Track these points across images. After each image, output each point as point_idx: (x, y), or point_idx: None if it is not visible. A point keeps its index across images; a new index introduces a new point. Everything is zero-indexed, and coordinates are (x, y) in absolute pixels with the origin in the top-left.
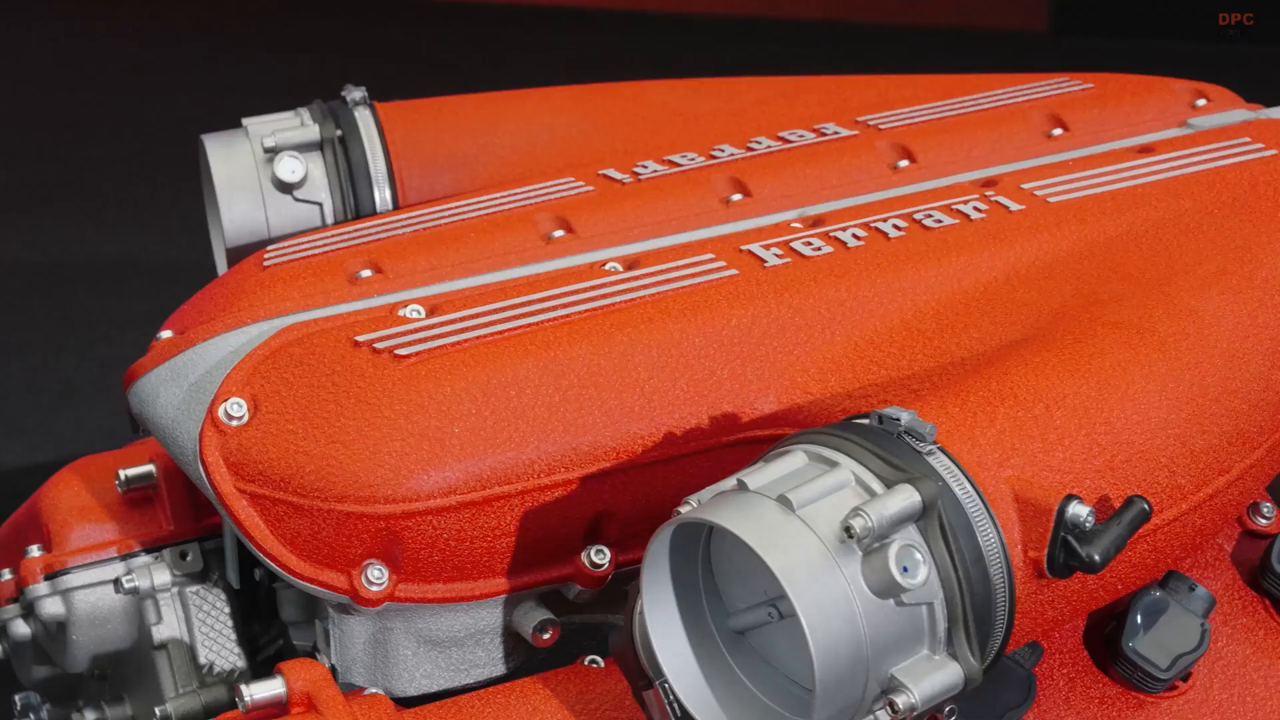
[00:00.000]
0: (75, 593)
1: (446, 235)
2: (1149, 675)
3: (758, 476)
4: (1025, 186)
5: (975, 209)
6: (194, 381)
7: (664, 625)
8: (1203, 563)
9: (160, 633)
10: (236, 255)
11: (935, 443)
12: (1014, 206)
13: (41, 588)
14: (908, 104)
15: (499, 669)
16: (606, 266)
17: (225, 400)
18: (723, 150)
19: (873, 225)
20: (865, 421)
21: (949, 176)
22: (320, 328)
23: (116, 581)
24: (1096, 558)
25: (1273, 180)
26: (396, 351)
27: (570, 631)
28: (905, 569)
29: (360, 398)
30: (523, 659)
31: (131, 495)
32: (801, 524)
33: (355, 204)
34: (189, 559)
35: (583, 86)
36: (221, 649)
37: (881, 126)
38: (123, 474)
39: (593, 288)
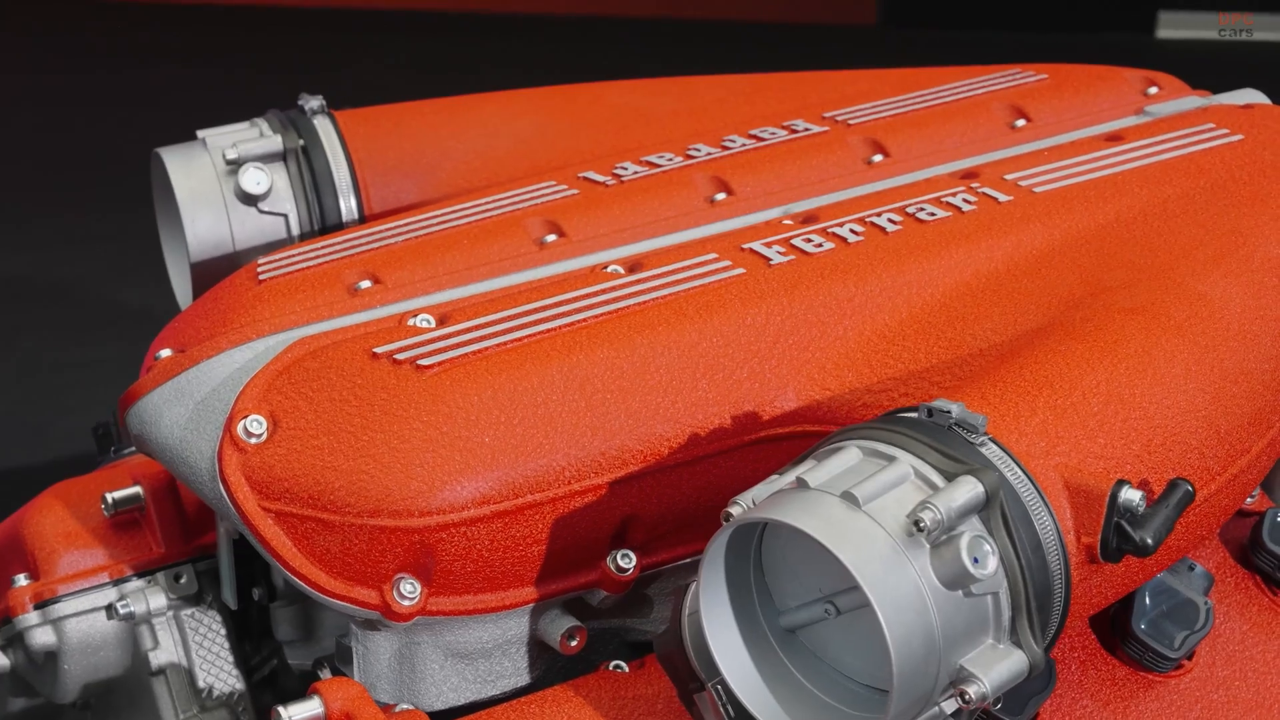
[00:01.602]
0: (67, 621)
1: (439, 243)
2: (1160, 655)
3: (817, 473)
4: (1009, 177)
5: (965, 201)
6: (200, 400)
7: (720, 625)
8: None
9: (158, 658)
10: (201, 270)
11: (986, 433)
12: (1002, 198)
13: (32, 617)
14: (866, 99)
15: (524, 679)
16: (608, 269)
17: (244, 417)
18: (699, 150)
19: (868, 220)
20: (914, 415)
21: (924, 169)
22: (332, 340)
23: (110, 607)
24: (1149, 541)
25: (1246, 165)
26: (419, 362)
27: (589, 638)
28: (976, 560)
29: (386, 410)
30: (544, 667)
31: (118, 518)
32: (869, 519)
33: (321, 214)
34: (183, 581)
35: (541, 89)
36: (220, 672)
37: (851, 122)
38: (109, 497)
39: (603, 291)
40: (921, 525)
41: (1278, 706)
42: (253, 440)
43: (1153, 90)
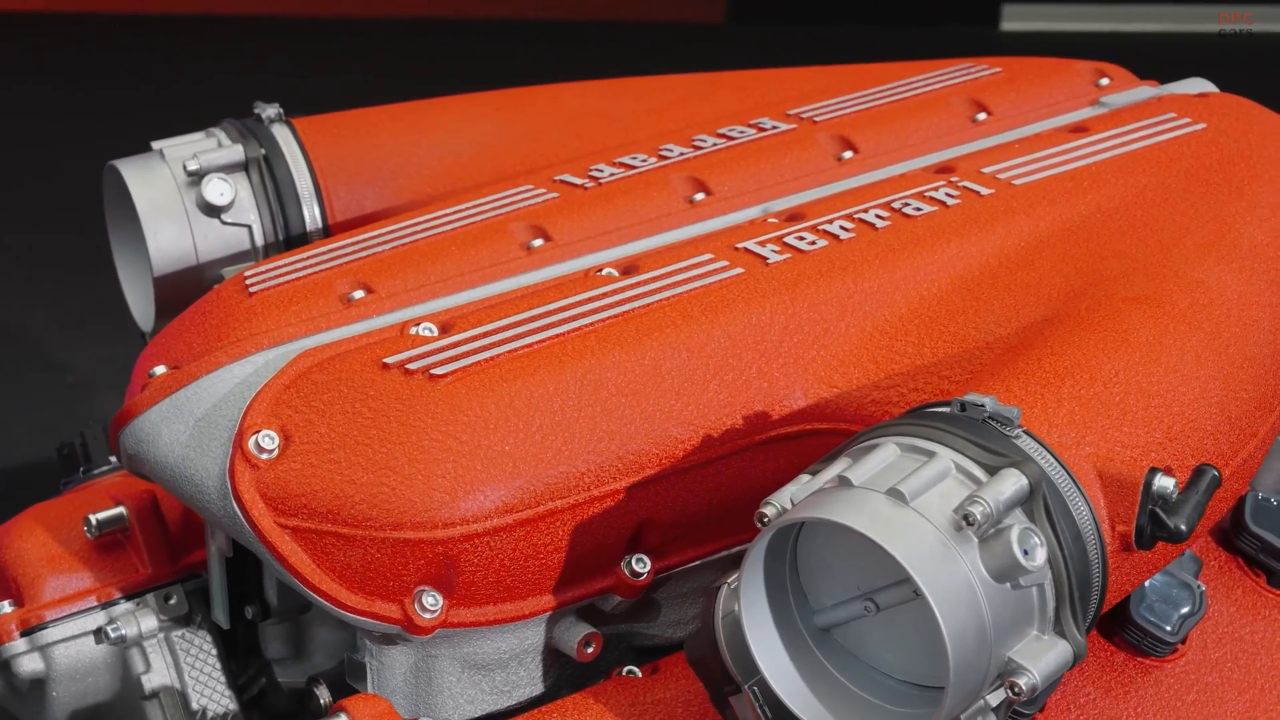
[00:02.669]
0: (55, 647)
1: (427, 250)
2: (1158, 640)
3: (858, 471)
4: (986, 171)
5: (948, 195)
6: (200, 417)
7: (760, 626)
8: None
9: (151, 681)
10: (164, 284)
11: (1020, 426)
12: (984, 191)
13: (19, 645)
14: (824, 95)
15: (539, 688)
16: (603, 273)
17: (254, 433)
18: (671, 150)
19: (856, 217)
20: (945, 409)
21: (895, 165)
22: (336, 352)
23: (99, 631)
24: (1183, 527)
25: (1213, 153)
26: (432, 371)
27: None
28: (1026, 552)
29: (403, 421)
30: (556, 676)
31: (101, 540)
32: (917, 515)
33: (285, 223)
34: (173, 602)
35: (498, 93)
36: (213, 693)
37: (817, 119)
38: (93, 518)
39: (607, 294)
40: (971, 519)
41: (1268, 685)
42: (264, 456)
43: (1104, 81)
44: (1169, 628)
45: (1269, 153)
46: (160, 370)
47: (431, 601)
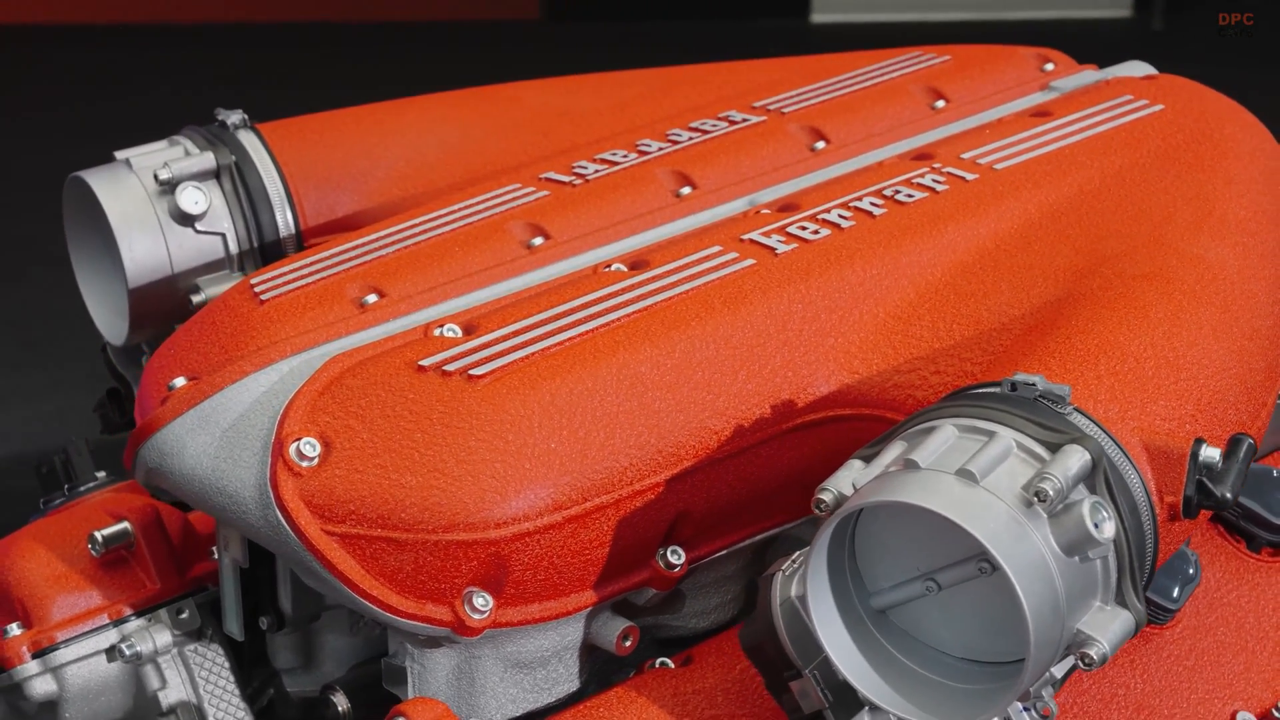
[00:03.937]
0: (68, 668)
1: (431, 252)
2: (1161, 608)
3: (923, 453)
4: (965, 156)
5: (935, 182)
6: (228, 427)
7: (824, 611)
8: None
9: (167, 697)
10: (139, 296)
11: (1071, 403)
12: (968, 176)
13: (31, 667)
14: (783, 87)
15: (575, 684)
16: (612, 268)
17: (295, 440)
18: (650, 145)
19: (852, 205)
20: (994, 389)
21: (868, 153)
22: (364, 356)
23: (113, 649)
24: (1229, 495)
25: (1177, 133)
26: (470, 372)
27: None
28: (1096, 525)
29: (448, 423)
30: (590, 671)
31: (105, 557)
32: (989, 494)
33: (259, 230)
34: (184, 616)
35: (459, 93)
36: (229, 705)
37: (785, 110)
38: (98, 535)
39: (625, 290)
40: (1043, 496)
41: (1258, 647)
42: (305, 464)
43: (1049, 66)
44: (1174, 595)
45: (1229, 131)
46: (180, 382)
47: (482, 602)
